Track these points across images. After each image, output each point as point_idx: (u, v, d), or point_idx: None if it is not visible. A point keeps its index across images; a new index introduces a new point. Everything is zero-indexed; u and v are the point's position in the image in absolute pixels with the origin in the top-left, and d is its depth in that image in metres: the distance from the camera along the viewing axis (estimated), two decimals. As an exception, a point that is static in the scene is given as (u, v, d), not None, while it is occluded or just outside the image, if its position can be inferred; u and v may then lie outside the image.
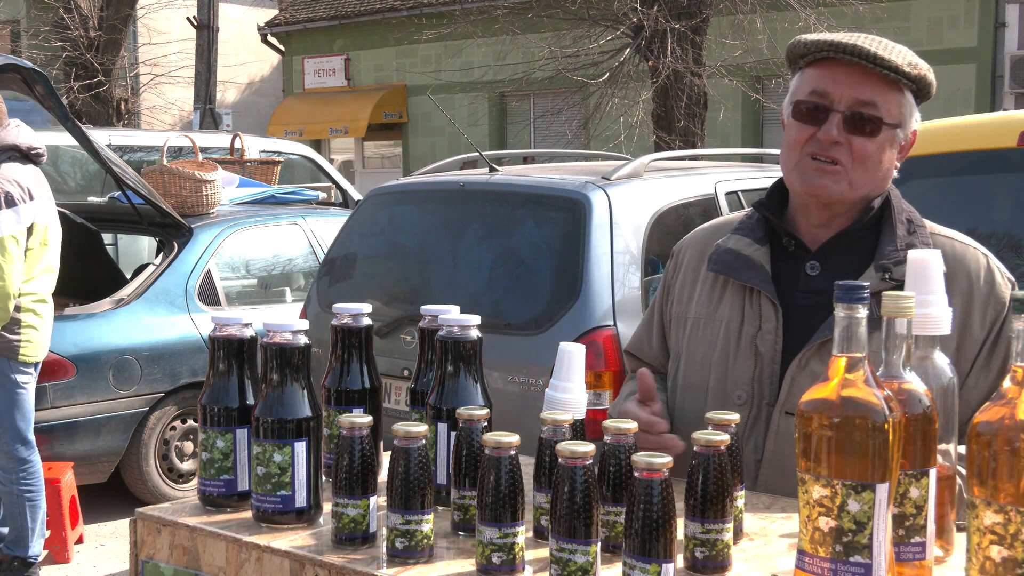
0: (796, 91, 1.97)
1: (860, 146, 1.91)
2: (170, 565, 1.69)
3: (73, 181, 9.44)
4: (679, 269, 2.15)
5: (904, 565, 1.37)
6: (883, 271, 1.90)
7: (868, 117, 1.90)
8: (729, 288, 2.03)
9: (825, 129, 1.90)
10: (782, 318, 1.95)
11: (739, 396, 1.97)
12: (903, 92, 1.93)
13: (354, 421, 1.55)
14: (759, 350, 1.96)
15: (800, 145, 1.94)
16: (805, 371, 1.91)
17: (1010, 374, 1.24)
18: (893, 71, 1.88)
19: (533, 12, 13.50)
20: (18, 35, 19.22)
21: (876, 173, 1.94)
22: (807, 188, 1.94)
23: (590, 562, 1.37)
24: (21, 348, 4.64)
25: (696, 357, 2.04)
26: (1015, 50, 14.93)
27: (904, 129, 1.96)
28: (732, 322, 2.00)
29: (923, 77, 1.93)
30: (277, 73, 23.26)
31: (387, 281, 5.24)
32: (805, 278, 1.98)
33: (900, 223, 1.96)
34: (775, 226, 2.03)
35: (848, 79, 1.90)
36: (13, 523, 4.78)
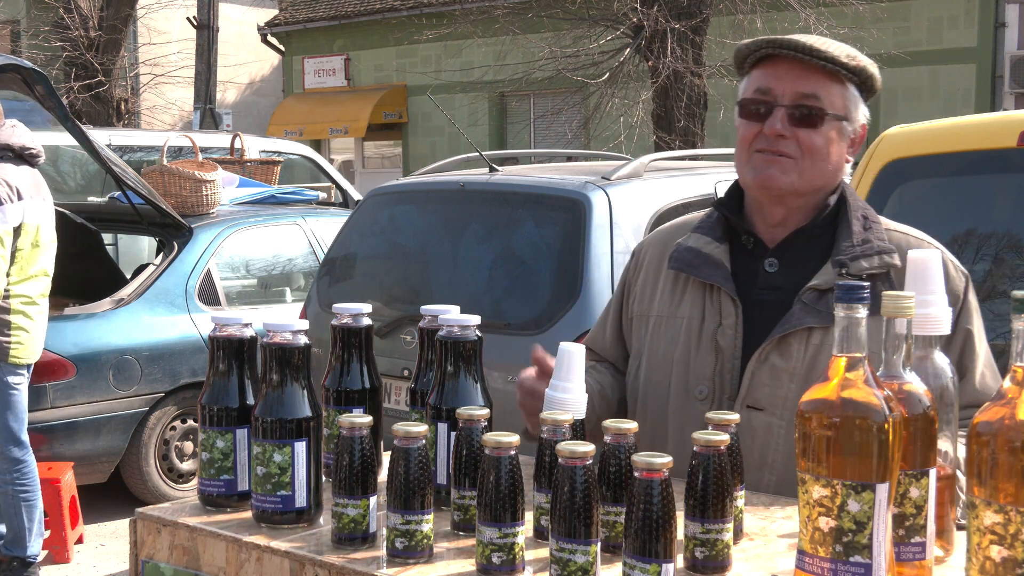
0: (742, 92, 2.04)
1: (806, 138, 1.95)
2: (170, 565, 1.69)
3: (73, 181, 9.44)
4: (640, 268, 2.19)
5: (904, 565, 1.37)
6: (840, 267, 1.94)
7: (811, 109, 1.95)
8: (690, 286, 2.07)
9: (770, 123, 1.95)
10: (742, 314, 1.99)
11: (701, 391, 2.01)
12: (845, 85, 1.98)
13: (354, 421, 1.55)
14: (720, 345, 2.00)
15: (748, 142, 1.99)
16: (765, 365, 1.95)
17: (1010, 374, 1.24)
18: (831, 62, 1.94)
19: (533, 12, 13.50)
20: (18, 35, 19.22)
21: (825, 165, 1.98)
22: (758, 180, 1.98)
23: (590, 562, 1.37)
24: (11, 350, 4.63)
25: (658, 354, 2.08)
26: (1015, 50, 14.93)
27: (851, 122, 2.00)
28: (693, 319, 2.04)
29: (863, 68, 1.98)
30: (277, 73, 23.27)
31: (387, 281, 5.24)
32: (764, 275, 2.02)
33: (856, 220, 2.00)
34: (734, 224, 2.07)
35: (789, 74, 1.96)
36: (10, 523, 4.78)
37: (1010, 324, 1.25)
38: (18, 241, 4.61)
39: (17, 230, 4.60)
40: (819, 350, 1.92)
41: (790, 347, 1.94)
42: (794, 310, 1.95)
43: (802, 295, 1.95)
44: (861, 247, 1.95)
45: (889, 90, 15.52)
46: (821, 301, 1.93)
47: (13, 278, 4.62)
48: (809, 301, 1.94)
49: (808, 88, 1.95)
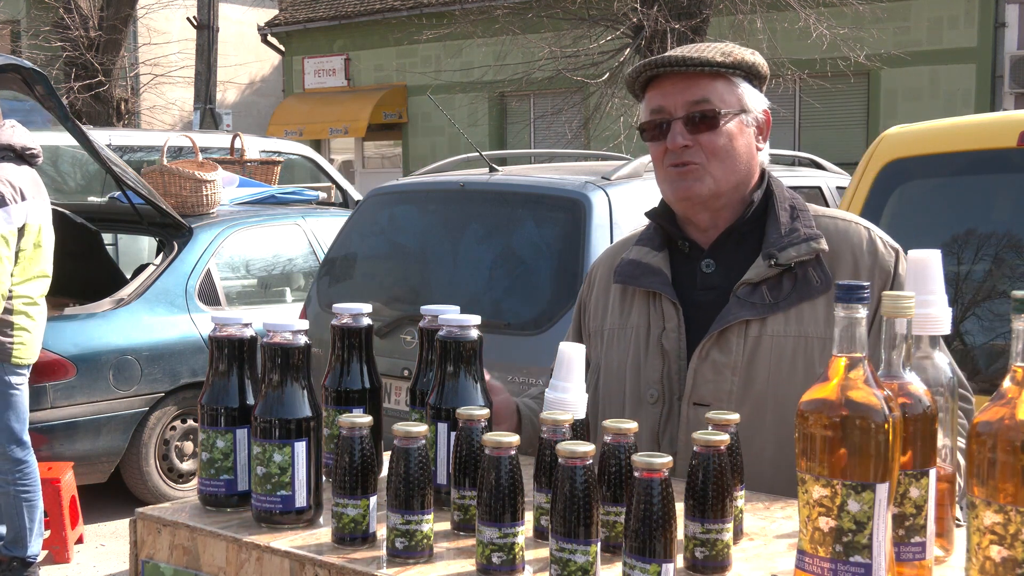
0: (641, 116, 2.10)
1: (708, 141, 2.01)
2: (170, 565, 1.69)
3: (73, 181, 9.44)
4: (592, 287, 2.25)
5: (904, 565, 1.37)
6: (769, 258, 1.99)
7: (704, 113, 2.01)
8: (636, 297, 2.12)
9: (671, 138, 2.02)
10: (683, 316, 2.05)
11: (651, 395, 2.05)
12: (731, 80, 2.03)
13: (354, 421, 1.55)
14: (665, 348, 2.05)
15: (660, 160, 2.06)
16: (707, 362, 2.00)
17: (1010, 374, 1.24)
18: (706, 65, 2.00)
19: (533, 12, 13.50)
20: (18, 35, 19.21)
21: (734, 161, 2.04)
22: (677, 195, 2.05)
23: (590, 562, 1.37)
24: (14, 350, 4.64)
25: (612, 366, 2.13)
26: (1015, 50, 14.93)
27: (749, 112, 2.05)
28: (640, 327, 2.09)
29: (742, 61, 2.04)
30: (277, 73, 23.26)
31: (387, 281, 5.24)
32: (702, 276, 2.08)
33: (783, 211, 2.05)
34: (669, 232, 2.12)
35: (675, 87, 2.02)
36: (11, 523, 4.78)
37: (1010, 324, 1.25)
38: (21, 241, 4.62)
39: (21, 231, 4.61)
40: (757, 342, 1.97)
41: (729, 341, 1.99)
42: (729, 305, 2.00)
43: (736, 290, 2.01)
44: (789, 236, 2.00)
45: (889, 90, 15.54)
46: (755, 294, 1.99)
47: (16, 279, 4.62)
48: (743, 295, 2.00)
49: (696, 95, 2.01)
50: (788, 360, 1.95)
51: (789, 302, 1.97)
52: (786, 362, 1.95)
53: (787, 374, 1.95)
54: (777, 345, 1.97)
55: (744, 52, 2.05)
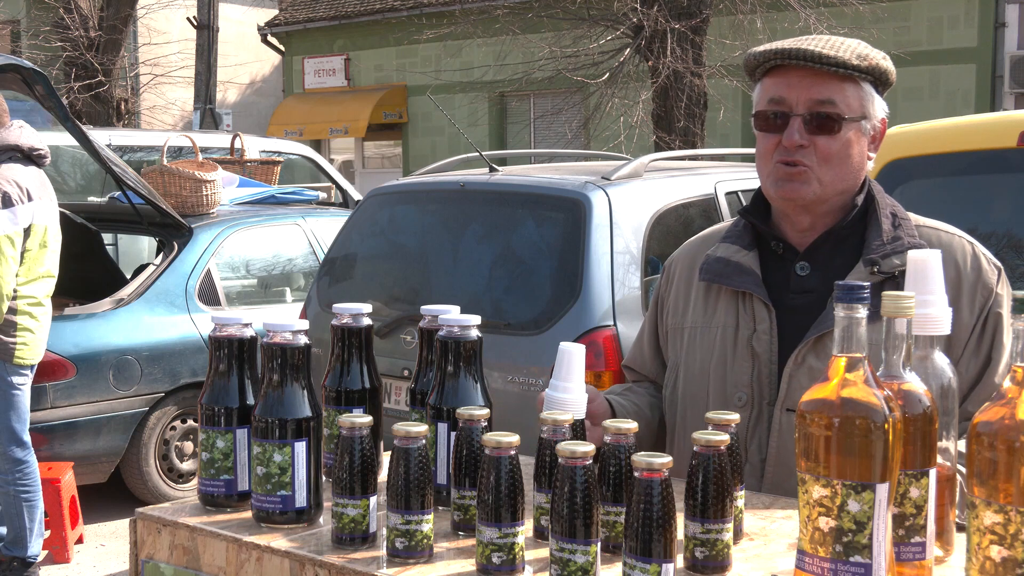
0: (757, 103, 2.02)
1: (824, 145, 1.94)
2: (170, 565, 1.69)
3: (73, 181, 9.44)
4: (672, 282, 2.19)
5: (904, 565, 1.37)
6: (871, 265, 1.93)
7: (828, 115, 1.93)
8: (723, 295, 2.06)
9: (787, 134, 1.94)
10: (776, 318, 1.99)
11: (739, 398, 1.99)
12: (860, 85, 1.96)
13: (354, 421, 1.55)
14: (756, 351, 1.99)
15: (769, 154, 1.98)
16: (802, 368, 1.94)
17: (1010, 374, 1.24)
18: (842, 67, 1.92)
19: (533, 12, 13.50)
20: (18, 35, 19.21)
21: (846, 169, 1.97)
22: (780, 194, 1.98)
23: (590, 562, 1.37)
24: (17, 351, 4.65)
25: (695, 365, 2.07)
26: (1015, 50, 14.93)
27: (870, 119, 1.99)
28: (728, 327, 2.03)
29: (876, 66, 1.96)
30: (277, 73, 23.26)
31: (387, 281, 5.24)
32: (796, 279, 2.01)
33: (885, 217, 1.99)
34: (762, 231, 2.06)
35: (802, 82, 1.94)
36: (11, 524, 4.78)
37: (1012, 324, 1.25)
38: (27, 242, 4.63)
39: (27, 231, 4.62)
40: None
41: (826, 348, 1.92)
42: (828, 310, 1.93)
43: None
44: (891, 244, 1.94)
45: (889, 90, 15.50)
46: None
47: (21, 279, 4.63)
48: None
49: (822, 94, 1.93)
50: None
51: None
52: None
53: None
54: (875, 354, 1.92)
55: (878, 56, 1.97)
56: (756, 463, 1.97)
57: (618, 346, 4.28)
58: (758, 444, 1.97)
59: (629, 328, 4.32)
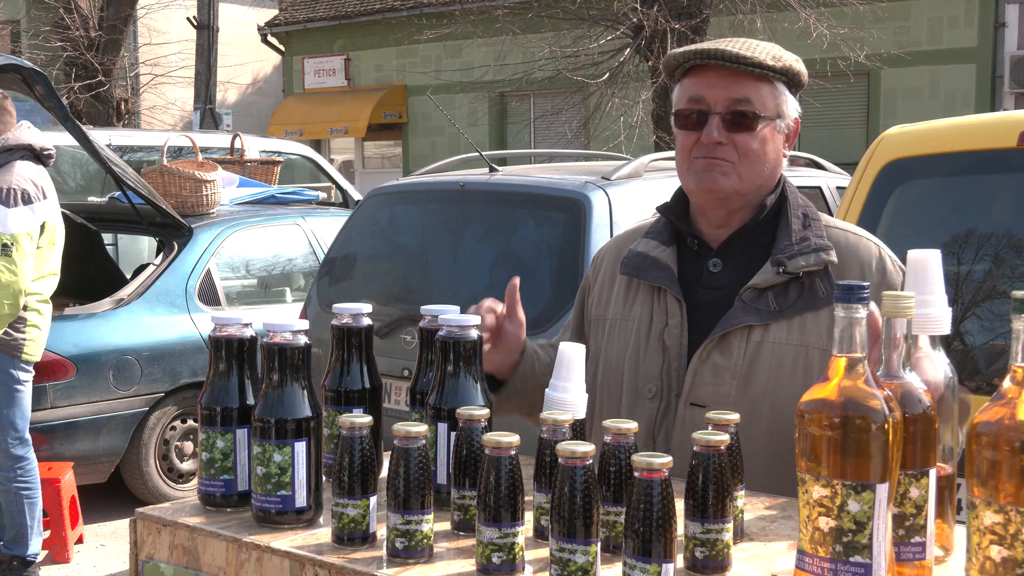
0: (676, 101, 2.08)
1: (743, 142, 2.00)
2: (170, 565, 1.69)
3: (73, 181, 9.44)
4: (598, 274, 2.25)
5: (904, 565, 1.37)
6: (778, 265, 1.99)
7: (744, 113, 2.00)
8: (641, 289, 2.12)
9: (707, 132, 2.01)
10: (687, 313, 2.04)
11: (649, 390, 2.05)
12: (774, 85, 2.03)
13: (354, 421, 1.55)
14: (666, 345, 2.05)
15: (688, 151, 2.04)
16: (707, 363, 2.00)
17: (1010, 374, 1.24)
18: (757, 67, 1.99)
19: (533, 12, 13.50)
20: (18, 35, 19.20)
21: (763, 165, 2.04)
22: (701, 186, 2.03)
23: (590, 562, 1.37)
24: (25, 347, 4.71)
25: (612, 356, 2.13)
26: (1015, 50, 14.93)
27: (784, 119, 2.06)
28: (642, 320, 2.09)
29: (789, 67, 2.03)
30: (277, 73, 23.26)
31: (387, 281, 5.24)
32: (708, 275, 2.08)
33: (796, 218, 2.05)
34: (679, 228, 2.12)
35: (720, 82, 2.01)
36: (12, 522, 4.80)
37: (1010, 324, 1.25)
38: (40, 239, 4.71)
39: (41, 228, 4.70)
40: (759, 347, 1.98)
41: (731, 345, 1.99)
42: (734, 309, 2.00)
43: (742, 294, 2.00)
44: (799, 245, 2.00)
45: (889, 90, 15.53)
46: (760, 299, 1.99)
47: (33, 276, 4.68)
48: (748, 300, 1.99)
49: (739, 93, 2.00)
50: (788, 368, 1.95)
51: (793, 311, 1.97)
52: (786, 370, 1.95)
53: (786, 382, 1.95)
54: (778, 352, 1.97)
55: (791, 59, 2.05)
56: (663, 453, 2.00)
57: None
58: (666, 435, 2.03)
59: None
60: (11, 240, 4.53)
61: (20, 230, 4.55)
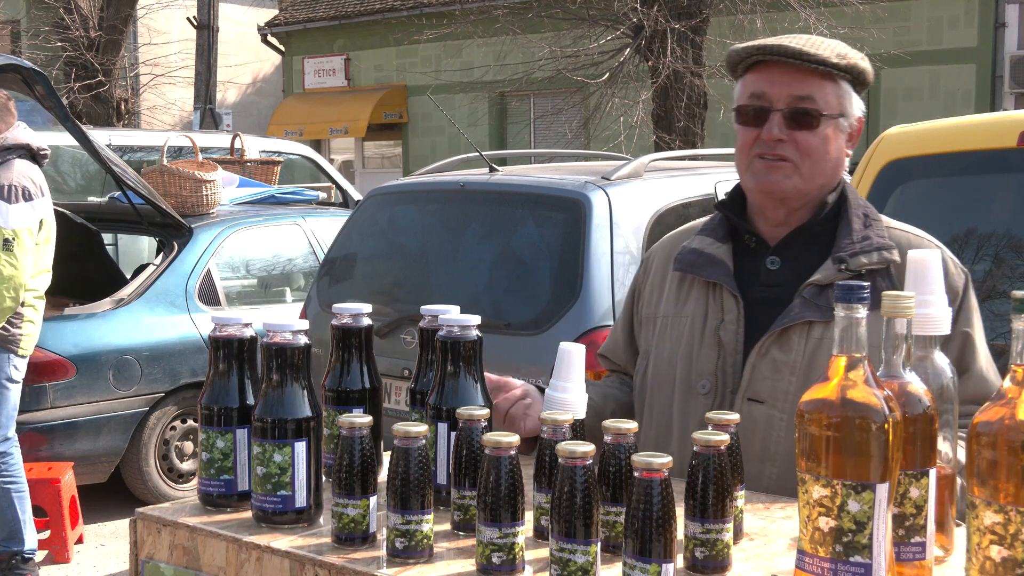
0: (738, 97, 2.06)
1: (804, 140, 1.98)
2: (170, 565, 1.69)
3: (73, 181, 9.45)
4: (648, 273, 2.23)
5: (904, 565, 1.37)
6: (840, 263, 1.97)
7: (807, 111, 1.97)
8: (695, 286, 2.10)
9: (767, 128, 1.98)
10: (743, 310, 2.02)
11: (703, 386, 2.03)
12: (838, 83, 2.00)
13: (354, 421, 1.55)
14: (722, 340, 2.02)
15: (748, 148, 2.02)
16: (766, 359, 1.97)
17: (1010, 374, 1.24)
18: (821, 64, 1.96)
19: (533, 12, 13.50)
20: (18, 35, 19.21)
21: (825, 164, 2.01)
22: (760, 186, 2.02)
23: (590, 562, 1.37)
24: (21, 341, 4.75)
25: (664, 353, 2.11)
26: (1015, 50, 14.93)
27: (847, 117, 2.03)
28: (697, 317, 2.07)
29: (854, 65, 2.01)
30: (277, 73, 23.26)
31: (387, 281, 5.24)
32: (765, 272, 2.05)
33: (856, 217, 2.03)
34: (736, 224, 2.10)
35: (782, 78, 1.98)
36: (3, 518, 4.81)
37: (1010, 324, 1.25)
38: (37, 236, 4.76)
39: (39, 225, 4.73)
40: (819, 344, 1.95)
41: (790, 340, 1.97)
42: (794, 304, 1.98)
43: (802, 290, 1.98)
44: (861, 243, 1.98)
45: (889, 90, 15.53)
46: (821, 296, 1.96)
47: (30, 272, 4.71)
48: (809, 296, 1.97)
49: (802, 90, 1.97)
50: None
51: None
52: None
53: None
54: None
55: (857, 57, 2.02)
56: None
57: (618, 346, 4.28)
58: None
59: (629, 328, 4.32)
60: (13, 235, 4.59)
61: (21, 226, 4.61)
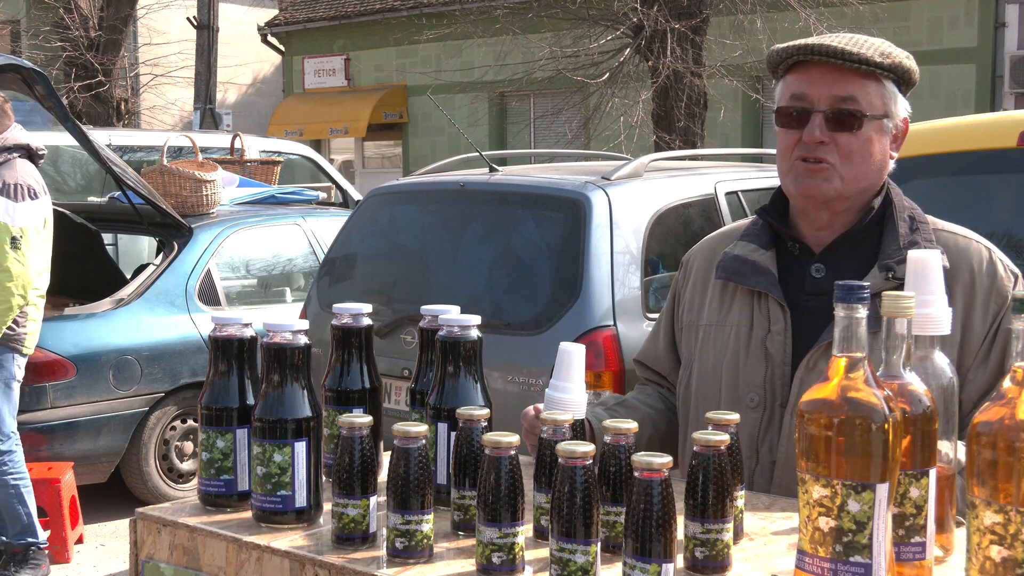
0: (779, 99, 2.01)
1: (845, 142, 1.93)
2: (170, 565, 1.69)
3: (73, 181, 9.44)
4: (688, 278, 2.18)
5: (904, 565, 1.37)
6: (886, 270, 1.91)
7: (849, 112, 1.92)
8: (738, 294, 2.05)
9: (808, 130, 1.93)
10: (790, 320, 1.97)
11: (752, 399, 1.98)
12: (882, 83, 1.94)
13: (354, 421, 1.55)
14: (769, 352, 1.98)
15: (789, 150, 1.97)
16: (814, 372, 1.92)
17: (1010, 374, 1.24)
18: (864, 63, 1.91)
19: (533, 12, 13.49)
20: (18, 35, 19.20)
21: (867, 166, 1.96)
22: (801, 191, 1.96)
23: (590, 562, 1.37)
24: (25, 340, 4.77)
25: (708, 363, 2.06)
26: (1015, 50, 14.92)
27: (892, 118, 1.97)
28: (742, 326, 2.02)
29: (899, 64, 1.95)
30: (277, 73, 23.26)
31: (387, 281, 5.23)
32: (811, 280, 2.00)
33: (902, 221, 1.98)
34: (779, 231, 2.04)
35: (824, 79, 1.93)
36: (15, 513, 4.84)
37: (1010, 324, 1.25)
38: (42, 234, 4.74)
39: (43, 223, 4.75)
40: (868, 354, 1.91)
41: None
42: None
43: None
44: (907, 249, 1.91)
45: (889, 90, 15.52)
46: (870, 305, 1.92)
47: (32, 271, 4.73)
48: None
49: (844, 91, 1.92)
50: None
51: None
52: None
53: None
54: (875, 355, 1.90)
55: (901, 55, 1.96)
56: (767, 465, 1.96)
57: (618, 346, 4.28)
58: (769, 446, 1.96)
59: (629, 328, 4.32)
60: (20, 233, 4.61)
61: (28, 224, 4.64)
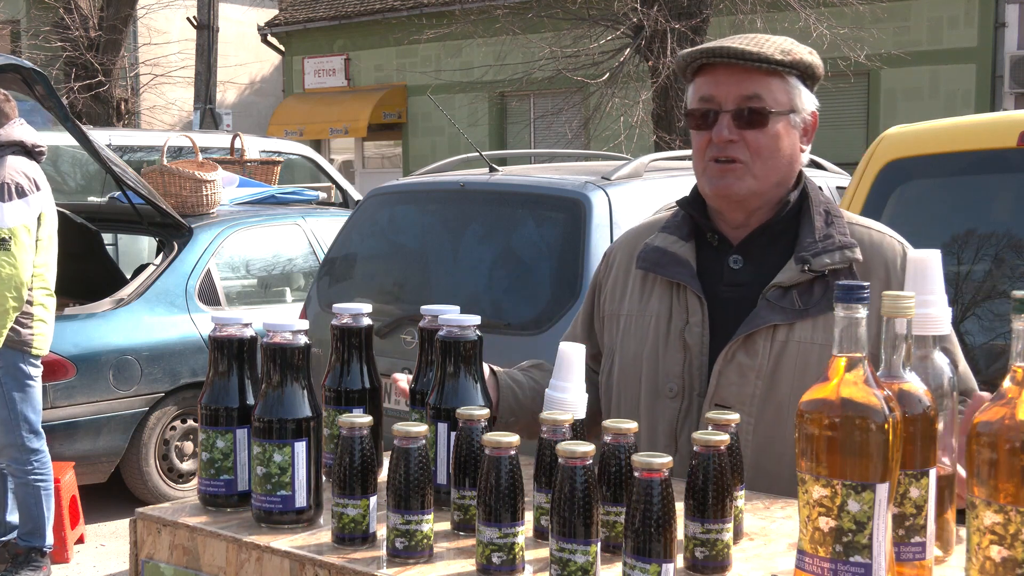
0: (689, 101, 2.06)
1: (753, 139, 1.98)
2: (170, 565, 1.69)
3: (73, 181, 9.44)
4: (610, 269, 2.22)
5: (904, 565, 1.37)
6: (803, 263, 1.96)
7: (755, 110, 1.97)
8: (658, 284, 2.09)
9: (717, 130, 1.98)
10: (707, 311, 2.02)
11: (671, 389, 2.03)
12: (786, 79, 2.00)
13: (354, 421, 1.55)
14: (687, 343, 2.02)
15: (702, 152, 2.02)
16: (732, 364, 1.97)
17: (1010, 374, 1.24)
18: (765, 62, 1.96)
19: (533, 12, 13.50)
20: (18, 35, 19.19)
21: (777, 161, 2.01)
22: (715, 191, 2.01)
23: (590, 562, 1.37)
24: (34, 341, 4.77)
25: (629, 353, 2.10)
26: (1015, 50, 14.92)
27: (799, 112, 2.02)
28: (661, 317, 2.06)
29: (800, 60, 2.00)
30: (277, 73, 23.26)
31: (387, 281, 5.24)
32: (729, 272, 2.05)
33: (818, 215, 2.02)
34: (699, 222, 2.09)
35: (729, 79, 1.98)
36: (30, 514, 4.84)
37: (1010, 324, 1.25)
38: (39, 231, 4.74)
39: (38, 220, 4.73)
40: (784, 347, 1.95)
41: (756, 345, 1.96)
42: (759, 308, 1.97)
43: (766, 293, 1.98)
44: (823, 242, 1.97)
45: (889, 90, 15.53)
46: (785, 298, 1.96)
47: (36, 268, 4.71)
48: (773, 299, 1.97)
49: (749, 90, 1.97)
50: (813, 368, 1.92)
51: (818, 309, 1.94)
52: (811, 370, 1.91)
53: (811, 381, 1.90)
54: (803, 352, 1.94)
55: (803, 51, 2.01)
56: (685, 454, 1.97)
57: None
58: (688, 436, 1.98)
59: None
60: (9, 234, 4.58)
61: (17, 224, 4.60)
